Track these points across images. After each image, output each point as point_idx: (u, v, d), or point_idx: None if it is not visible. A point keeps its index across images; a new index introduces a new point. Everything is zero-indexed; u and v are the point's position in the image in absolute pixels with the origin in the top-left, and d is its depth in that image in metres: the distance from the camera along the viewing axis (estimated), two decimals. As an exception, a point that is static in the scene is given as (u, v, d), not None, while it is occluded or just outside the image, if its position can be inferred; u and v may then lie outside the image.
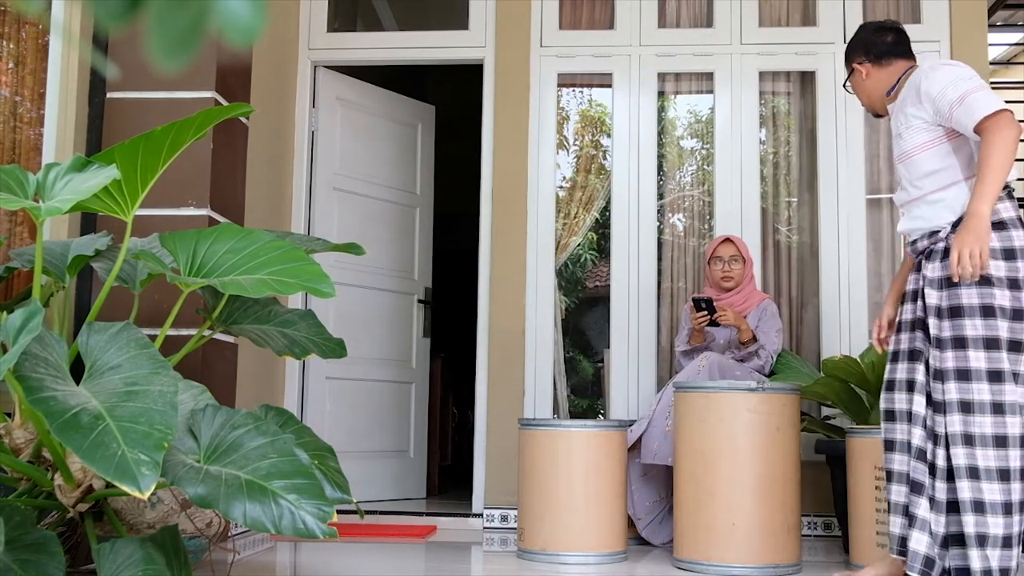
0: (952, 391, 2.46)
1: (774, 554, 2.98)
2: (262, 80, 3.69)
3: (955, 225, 2.53)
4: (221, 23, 0.56)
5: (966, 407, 2.43)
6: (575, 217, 4.45)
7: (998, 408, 2.41)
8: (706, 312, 3.65)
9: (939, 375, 2.50)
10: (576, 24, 4.38)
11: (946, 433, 2.46)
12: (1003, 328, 2.43)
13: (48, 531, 1.86)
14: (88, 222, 3.06)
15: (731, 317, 3.65)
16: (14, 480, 2.13)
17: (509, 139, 4.24)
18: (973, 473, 2.41)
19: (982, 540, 2.38)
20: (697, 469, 3.05)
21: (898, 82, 2.77)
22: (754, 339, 3.70)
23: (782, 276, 4.32)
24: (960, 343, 2.45)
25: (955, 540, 2.45)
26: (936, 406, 2.51)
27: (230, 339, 3.20)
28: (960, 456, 2.43)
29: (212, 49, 3.07)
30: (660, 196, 4.38)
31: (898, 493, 2.61)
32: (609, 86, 4.35)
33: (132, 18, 0.57)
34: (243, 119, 3.40)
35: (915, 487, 2.54)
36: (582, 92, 4.65)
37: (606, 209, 4.43)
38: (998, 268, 2.43)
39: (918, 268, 2.67)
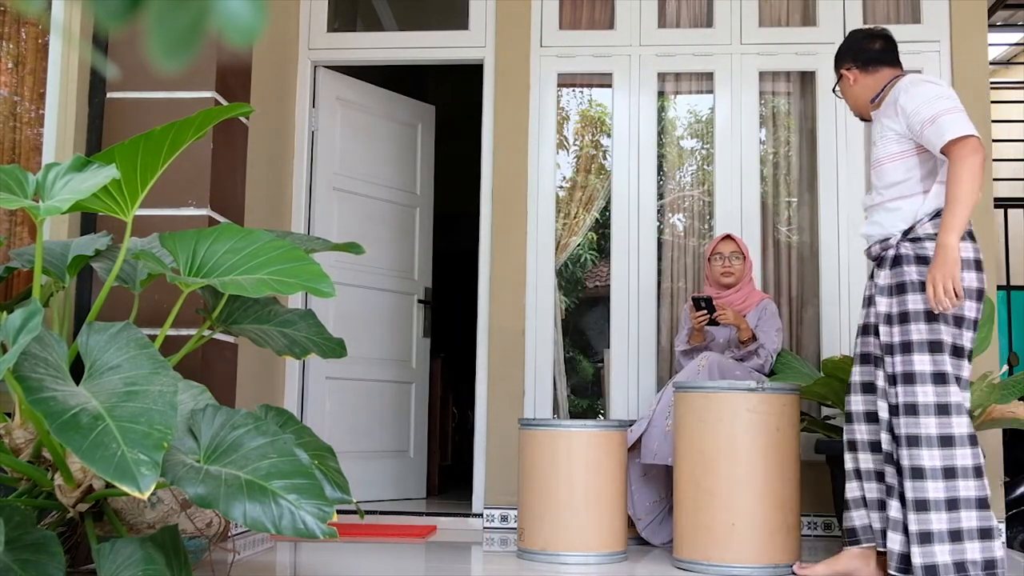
0: (900, 394, 2.56)
1: (774, 554, 2.98)
2: (262, 80, 3.69)
3: (905, 234, 2.63)
4: (221, 23, 0.56)
5: (911, 409, 2.54)
6: (575, 217, 4.45)
7: (943, 409, 2.50)
8: (706, 311, 3.65)
9: (891, 380, 2.60)
10: (576, 24, 4.38)
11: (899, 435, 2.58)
12: (946, 333, 2.53)
13: (48, 531, 1.86)
14: (88, 222, 3.06)
15: (731, 316, 3.65)
16: (14, 480, 2.13)
17: (509, 139, 4.24)
18: (917, 473, 2.51)
19: (925, 537, 2.48)
20: (697, 469, 3.05)
21: (883, 90, 2.83)
22: (753, 338, 3.70)
23: (782, 276, 4.32)
24: (907, 348, 2.56)
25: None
26: (892, 410, 2.61)
27: (230, 339, 3.20)
28: (904, 457, 2.54)
29: (212, 49, 3.07)
30: (660, 196, 4.38)
31: (870, 490, 2.74)
32: (609, 86, 4.34)
33: (132, 18, 0.57)
34: (243, 119, 3.40)
35: (889, 490, 2.64)
36: (582, 92, 4.65)
37: (606, 209, 4.43)
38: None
39: (872, 275, 2.78)
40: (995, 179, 4.24)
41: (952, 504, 2.48)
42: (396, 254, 4.88)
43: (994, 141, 4.46)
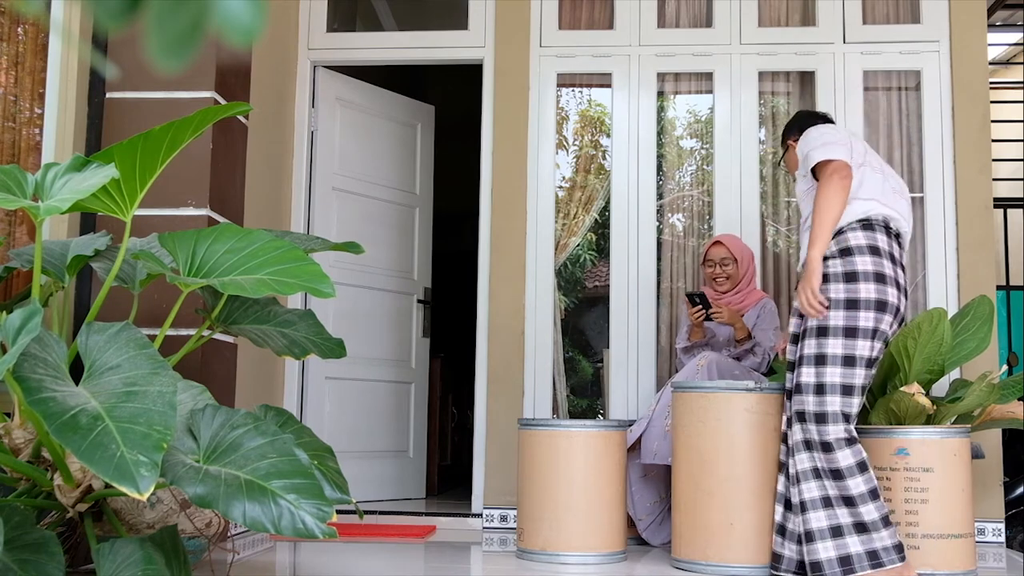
0: (794, 405, 2.84)
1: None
2: (261, 80, 3.68)
3: None
4: (220, 23, 0.56)
5: (800, 417, 2.79)
6: (575, 217, 4.45)
7: (820, 418, 2.75)
8: (701, 307, 3.65)
9: (788, 393, 2.92)
10: (576, 24, 4.38)
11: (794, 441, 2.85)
12: (836, 345, 2.75)
13: (47, 531, 1.86)
14: (88, 222, 3.06)
15: (726, 315, 3.65)
16: (14, 480, 2.13)
17: (509, 139, 4.24)
18: (804, 476, 2.77)
19: (808, 536, 2.73)
20: (695, 469, 3.05)
21: None
22: (749, 337, 3.70)
23: (781, 276, 4.32)
24: (800, 361, 2.83)
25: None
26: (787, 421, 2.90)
27: (229, 339, 3.20)
28: (794, 463, 2.82)
29: (212, 49, 3.07)
30: (659, 196, 4.38)
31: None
32: (609, 86, 4.34)
33: (132, 19, 0.57)
34: (242, 119, 3.40)
35: (778, 496, 2.91)
36: (581, 92, 4.65)
37: (605, 209, 4.43)
38: (837, 291, 2.76)
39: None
40: (995, 179, 4.23)
41: (826, 502, 2.73)
42: (396, 254, 4.87)
43: (994, 141, 4.46)
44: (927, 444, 3.00)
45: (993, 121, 4.25)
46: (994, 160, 4.30)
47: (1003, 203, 6.38)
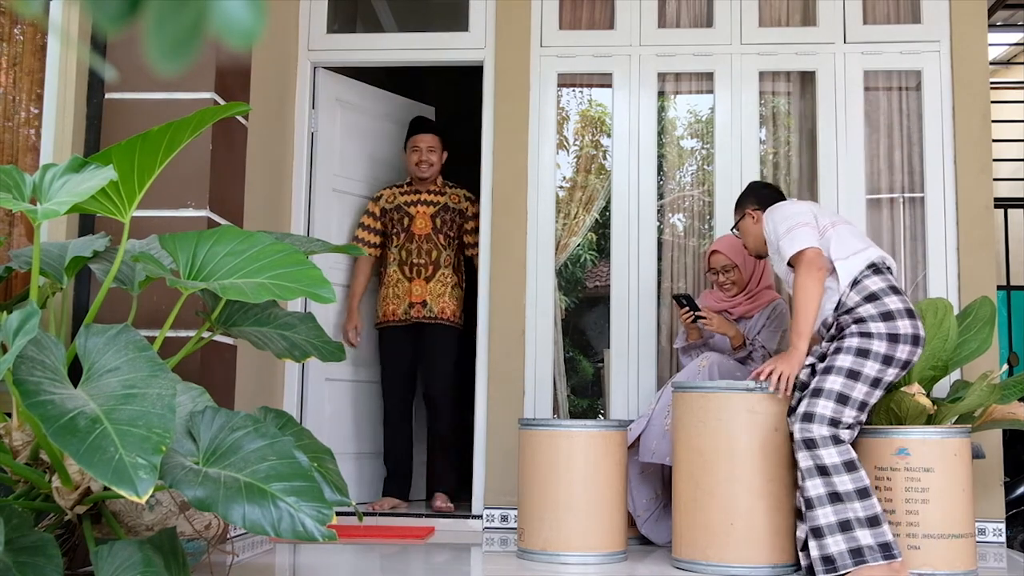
0: (802, 406, 2.95)
1: (772, 554, 2.97)
2: (261, 81, 3.67)
3: (836, 308, 3.05)
4: (220, 25, 0.56)
5: (808, 417, 2.90)
6: (575, 217, 4.44)
7: (834, 422, 2.89)
8: (688, 308, 3.64)
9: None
10: (576, 24, 4.37)
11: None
12: (872, 368, 2.91)
13: (46, 533, 1.86)
14: (87, 222, 3.05)
15: (716, 323, 3.63)
16: (12, 481, 2.12)
17: (509, 139, 4.23)
18: (809, 473, 2.88)
19: (816, 532, 2.83)
20: (695, 469, 3.05)
21: None
22: (743, 345, 3.68)
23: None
24: (828, 371, 2.95)
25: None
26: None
27: (229, 341, 3.19)
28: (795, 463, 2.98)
29: (211, 50, 3.06)
30: (660, 196, 4.37)
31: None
32: (609, 86, 4.33)
33: (130, 22, 0.56)
34: (242, 120, 3.39)
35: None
36: (582, 92, 4.64)
37: (606, 209, 4.42)
38: (879, 328, 2.93)
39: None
40: (995, 179, 4.23)
41: (834, 497, 2.82)
42: (395, 254, 4.85)
43: (994, 141, 4.45)
44: (928, 444, 2.99)
45: (993, 121, 4.25)
46: (994, 160, 4.30)
47: (1003, 203, 6.38)
